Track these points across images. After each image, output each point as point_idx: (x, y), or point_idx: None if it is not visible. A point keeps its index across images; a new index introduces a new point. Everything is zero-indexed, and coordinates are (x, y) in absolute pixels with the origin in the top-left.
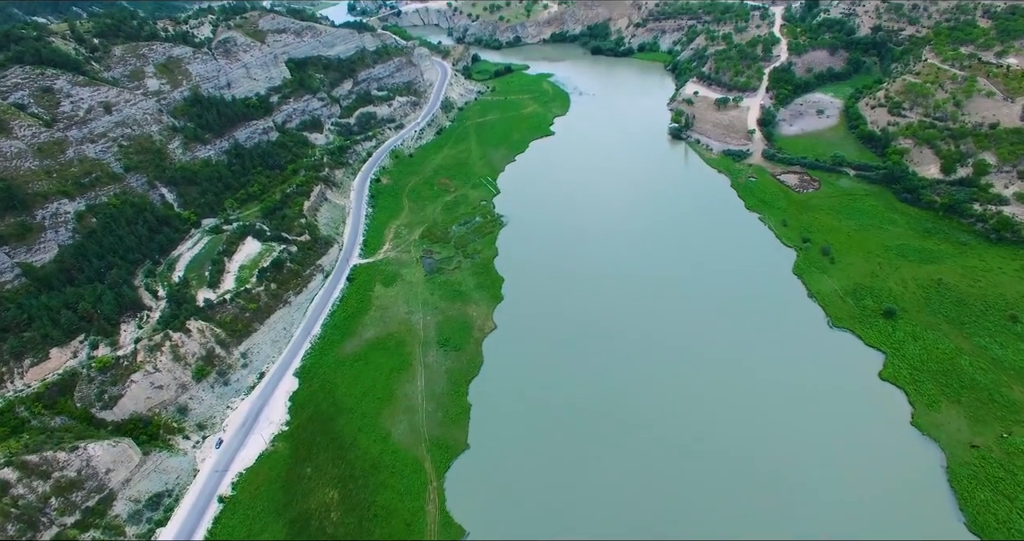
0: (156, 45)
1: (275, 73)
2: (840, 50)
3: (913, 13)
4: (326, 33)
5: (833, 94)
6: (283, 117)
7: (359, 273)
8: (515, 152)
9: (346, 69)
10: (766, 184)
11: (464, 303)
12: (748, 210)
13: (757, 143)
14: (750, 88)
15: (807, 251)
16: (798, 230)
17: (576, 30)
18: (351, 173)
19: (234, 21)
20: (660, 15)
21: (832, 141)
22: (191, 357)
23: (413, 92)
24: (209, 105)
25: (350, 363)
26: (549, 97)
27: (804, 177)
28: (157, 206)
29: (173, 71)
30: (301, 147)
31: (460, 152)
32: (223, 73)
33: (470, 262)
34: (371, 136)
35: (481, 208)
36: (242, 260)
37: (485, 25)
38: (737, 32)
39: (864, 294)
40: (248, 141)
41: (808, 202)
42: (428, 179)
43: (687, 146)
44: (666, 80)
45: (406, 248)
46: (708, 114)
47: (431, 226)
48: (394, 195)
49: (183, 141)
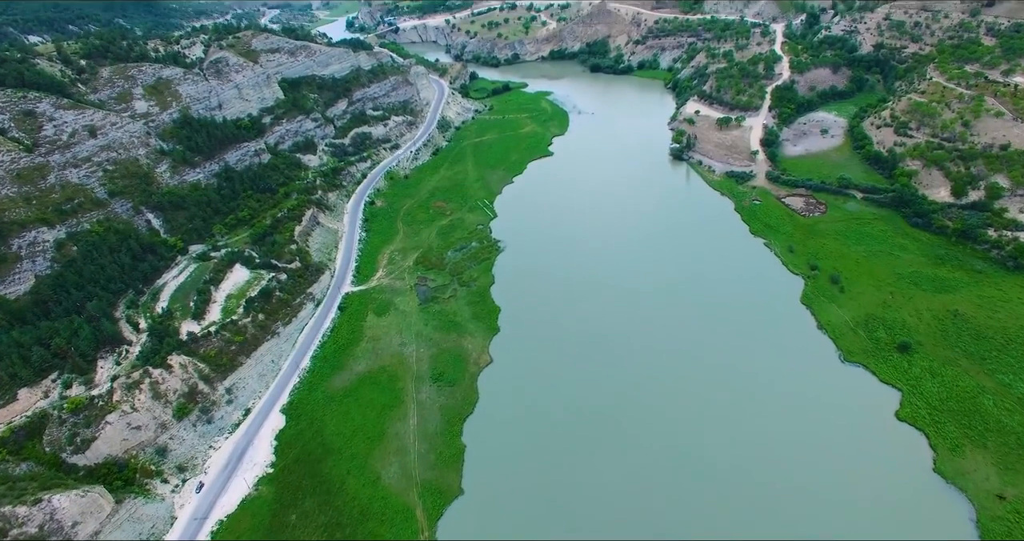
0: (145, 66)
1: (268, 93)
2: (843, 68)
3: (915, 30)
4: (320, 52)
5: (837, 113)
6: (275, 138)
7: (351, 301)
8: (513, 173)
9: (341, 88)
10: (771, 207)
11: (459, 334)
12: (753, 235)
13: (761, 164)
14: (752, 107)
15: (815, 279)
16: (805, 256)
17: (575, 47)
18: (345, 195)
19: (226, 41)
20: (660, 32)
21: (837, 162)
22: (172, 394)
23: (409, 111)
24: (199, 127)
25: (340, 399)
26: (548, 116)
27: (810, 200)
28: (142, 232)
29: (162, 92)
30: (293, 169)
31: (457, 173)
32: (214, 94)
33: (466, 290)
34: (366, 157)
35: (478, 233)
36: (229, 289)
37: (483, 42)
38: (738, 49)
39: (876, 326)
40: (239, 163)
41: (815, 226)
42: (424, 202)
43: (689, 167)
44: (666, 98)
45: (400, 275)
46: (710, 134)
47: (426, 252)
48: (389, 218)
49: (171, 164)
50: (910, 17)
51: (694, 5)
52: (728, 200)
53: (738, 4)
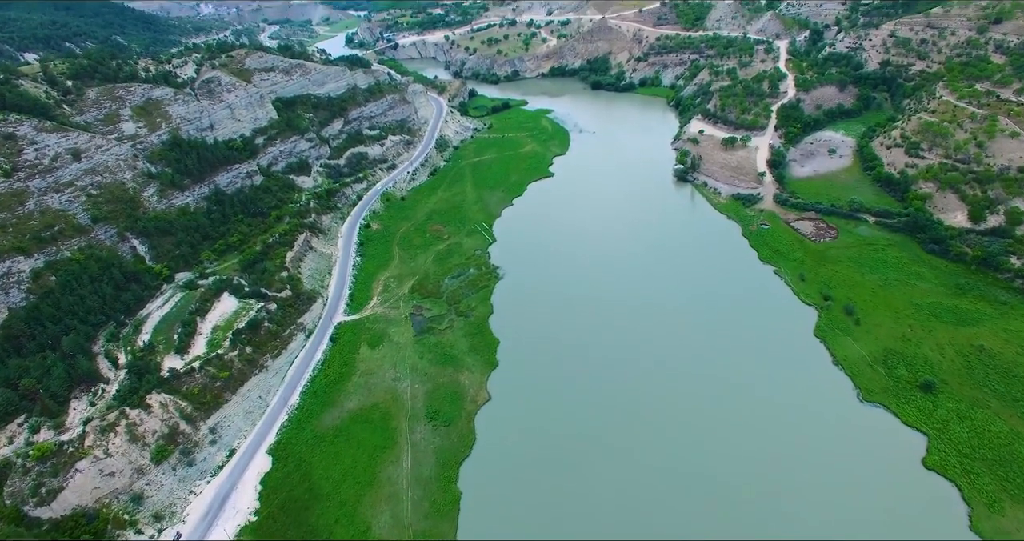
0: (135, 86)
1: (261, 113)
2: (849, 86)
3: (922, 48)
4: (316, 71)
5: (844, 132)
6: (268, 159)
7: (344, 332)
8: (512, 195)
9: (336, 108)
10: (780, 232)
11: (456, 369)
12: (762, 262)
13: (768, 186)
14: (758, 126)
15: (829, 310)
16: (817, 285)
17: (575, 64)
18: (340, 218)
19: (219, 60)
20: (662, 49)
21: (847, 184)
22: (151, 436)
23: (407, 130)
24: (189, 149)
25: (330, 439)
26: (548, 135)
27: (820, 224)
28: (127, 260)
29: (151, 113)
30: (287, 191)
31: (455, 195)
32: (206, 114)
33: (463, 321)
34: (362, 178)
35: (476, 258)
36: (216, 320)
37: (483, 59)
38: (741, 67)
39: (896, 362)
40: (230, 186)
41: (826, 253)
42: (420, 225)
43: (694, 189)
44: (669, 117)
45: (395, 303)
46: (715, 154)
47: (422, 279)
48: (384, 243)
49: (159, 188)
50: (916, 34)
51: (696, 21)
52: (735, 224)
53: (741, 21)
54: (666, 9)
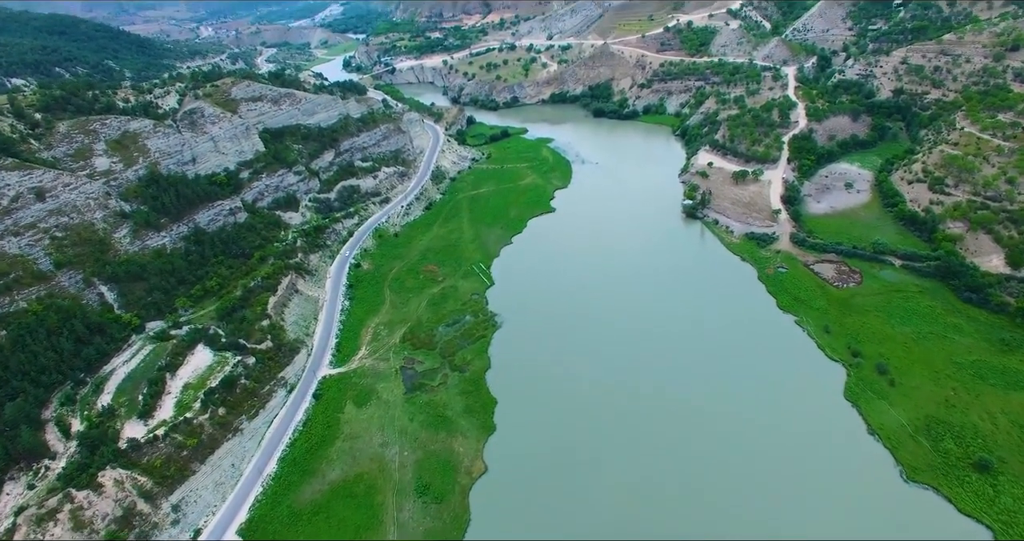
0: (110, 119)
1: (247, 146)
2: (862, 115)
3: (936, 75)
4: (306, 100)
5: (860, 164)
6: (254, 195)
7: (328, 387)
8: (512, 232)
9: (327, 138)
10: (799, 276)
11: (449, 433)
12: (781, 310)
13: (783, 224)
14: (770, 159)
15: (859, 368)
16: (844, 338)
17: (577, 90)
18: (329, 256)
19: (204, 89)
20: (666, 75)
21: (867, 222)
22: (101, 521)
23: (401, 161)
24: (168, 185)
25: (308, 517)
26: (549, 166)
27: (842, 267)
28: (94, 308)
29: (128, 147)
30: (272, 229)
31: (451, 232)
32: (187, 147)
33: (458, 376)
34: (353, 213)
35: (472, 304)
36: (188, 376)
37: (481, 85)
38: (749, 95)
39: (942, 433)
40: (211, 224)
41: (851, 301)
42: (414, 265)
43: (704, 227)
44: (674, 146)
45: (384, 354)
46: (725, 189)
47: (414, 326)
48: (375, 284)
49: (132, 228)
50: (929, 61)
51: (700, 47)
52: (750, 267)
53: (746, 46)
54: (669, 34)
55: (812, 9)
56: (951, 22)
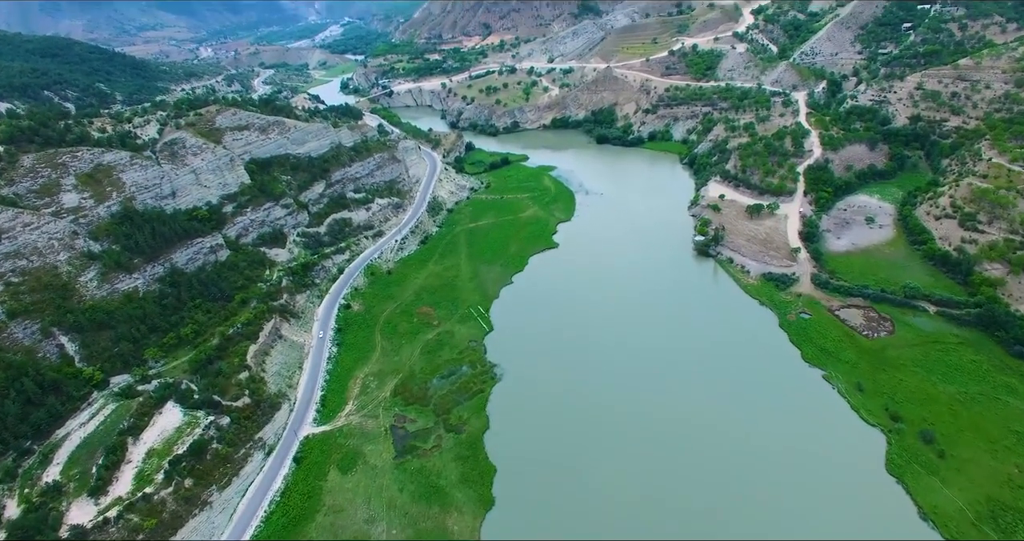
0: (82, 151)
1: (231, 178)
2: (880, 143)
3: (954, 101)
4: (296, 128)
5: (880, 196)
6: (237, 230)
7: (311, 449)
8: (512, 270)
9: (318, 169)
10: (823, 323)
11: (443, 508)
12: (807, 363)
13: (803, 264)
14: (785, 191)
15: (901, 435)
16: (880, 399)
17: (579, 115)
18: (317, 296)
19: (186, 118)
20: (671, 101)
21: (893, 261)
22: None
23: (396, 192)
24: (143, 221)
25: None
26: (551, 196)
27: (870, 313)
28: (50, 362)
29: (101, 182)
30: (256, 267)
31: (447, 269)
32: (167, 180)
33: (453, 438)
34: (344, 248)
35: (470, 352)
36: (153, 440)
37: (480, 109)
38: (759, 122)
39: (1013, 522)
40: (190, 264)
41: (883, 353)
42: (408, 307)
43: (717, 265)
44: (683, 176)
45: (374, 410)
46: (739, 224)
47: (407, 378)
48: (366, 328)
49: (100, 271)
50: (946, 87)
51: (707, 71)
52: (769, 312)
53: (754, 71)
54: (675, 58)
55: (819, 32)
56: (964, 46)
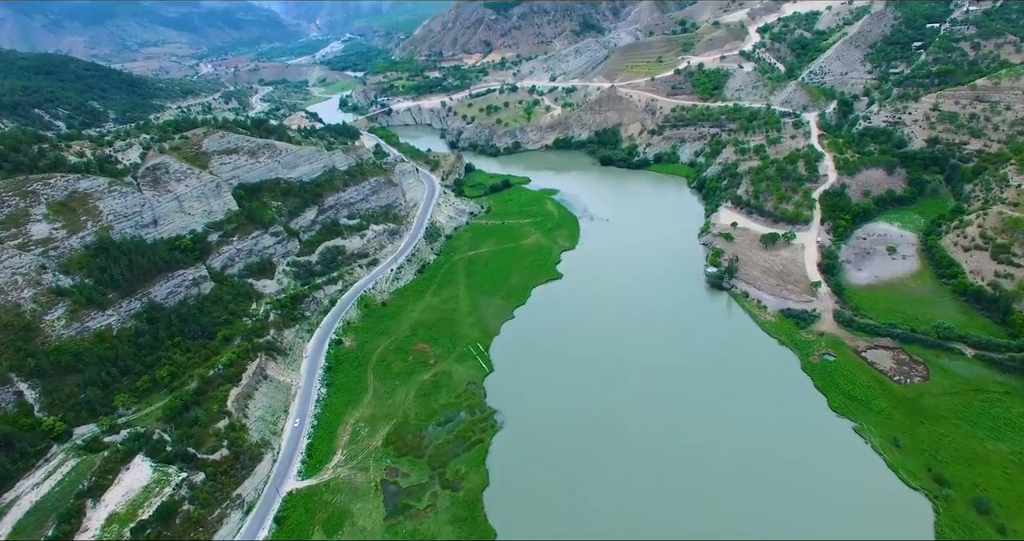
0: (56, 177)
1: (217, 205)
2: (898, 168)
3: (973, 123)
4: (287, 152)
5: (900, 224)
6: (223, 261)
7: (294, 507)
8: (514, 304)
9: (310, 194)
10: (850, 366)
11: None
12: (834, 412)
13: (824, 299)
14: (801, 219)
15: (950, 503)
16: (921, 457)
17: (582, 136)
18: (307, 330)
19: (171, 142)
20: (678, 121)
21: (920, 296)
22: None
23: (392, 218)
24: (120, 253)
25: None
26: (554, 222)
27: (900, 356)
28: (7, 412)
29: (75, 210)
30: (242, 301)
31: (445, 302)
32: (148, 208)
33: (449, 496)
34: (336, 277)
35: (468, 396)
36: (116, 503)
37: (481, 128)
38: (770, 144)
39: None
40: (170, 298)
41: (919, 402)
42: (402, 343)
43: (731, 299)
44: (691, 200)
45: (364, 462)
46: (753, 254)
47: (400, 424)
48: (358, 366)
49: (69, 308)
50: (963, 108)
51: (714, 91)
52: (789, 352)
53: (762, 90)
54: (680, 77)
55: (828, 51)
56: (979, 66)
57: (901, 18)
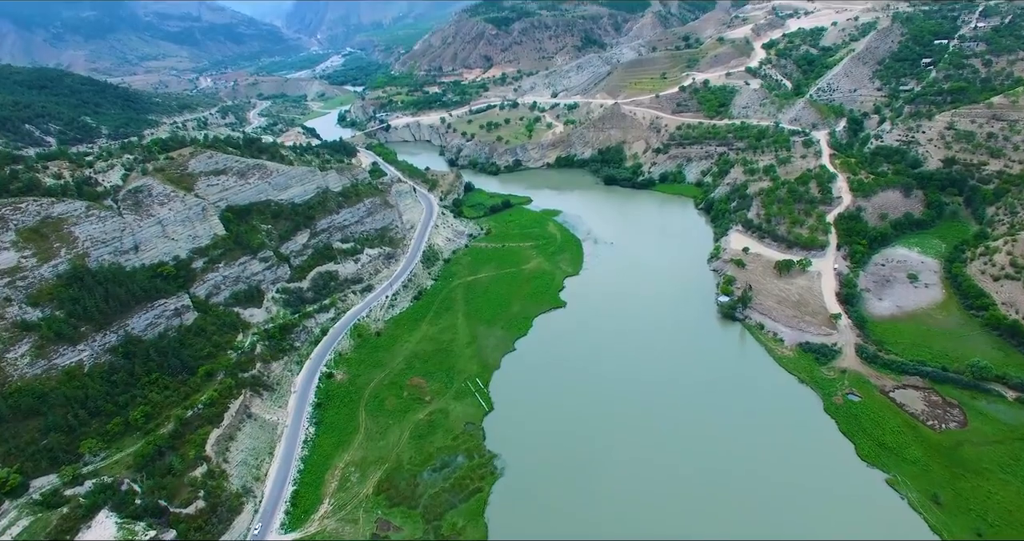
0: (28, 202)
1: (202, 229)
2: (915, 190)
3: (991, 143)
4: (278, 173)
5: (920, 250)
6: (207, 289)
7: None
8: (515, 334)
9: (302, 216)
10: (877, 408)
11: None
12: (863, 461)
13: (845, 332)
14: (816, 245)
15: None
16: (967, 518)
17: (585, 154)
18: (296, 362)
19: (155, 163)
20: (683, 140)
21: (948, 329)
22: None
23: (388, 241)
24: (96, 282)
25: None
26: (556, 246)
27: (932, 397)
28: None
29: (48, 237)
30: (227, 332)
31: (442, 331)
32: (129, 233)
33: None
34: (328, 305)
35: (466, 438)
36: None
37: (481, 146)
38: (780, 164)
39: None
40: (149, 330)
41: (958, 451)
42: (397, 376)
43: (745, 330)
44: (699, 222)
45: (353, 512)
46: (767, 282)
47: (393, 469)
48: (349, 403)
49: (36, 344)
50: (980, 127)
51: (720, 108)
52: (810, 391)
53: (770, 108)
54: (685, 94)
55: (836, 68)
56: (992, 83)
57: (908, 34)
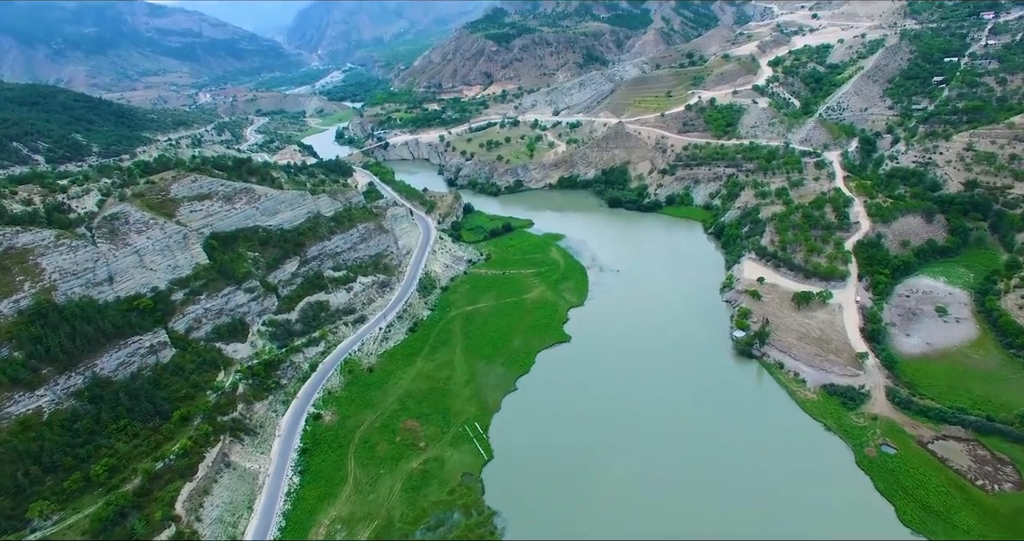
0: None
1: (183, 258)
2: (937, 214)
3: (1015, 165)
4: (267, 197)
5: (946, 280)
6: (187, 323)
7: None
8: (517, 372)
9: (292, 243)
10: (916, 463)
11: None
12: (905, 526)
13: (872, 373)
14: (836, 275)
15: None
16: None
17: (588, 174)
18: (282, 402)
19: (134, 187)
20: (690, 160)
21: (987, 370)
22: None
23: (382, 268)
24: (62, 319)
25: None
26: (560, 273)
27: (978, 451)
28: None
29: (10, 270)
30: (207, 370)
31: (439, 368)
32: (103, 263)
33: None
34: (318, 338)
35: (463, 492)
36: None
37: (481, 165)
38: (792, 186)
39: None
40: (120, 370)
41: (1019, 520)
42: (389, 419)
43: (763, 369)
44: (709, 248)
45: None
46: (785, 316)
47: (383, 528)
48: (337, 449)
49: None
50: (1001, 148)
51: (727, 128)
52: (839, 441)
53: (779, 128)
54: (692, 113)
55: (845, 86)
56: (1009, 101)
57: (917, 52)
